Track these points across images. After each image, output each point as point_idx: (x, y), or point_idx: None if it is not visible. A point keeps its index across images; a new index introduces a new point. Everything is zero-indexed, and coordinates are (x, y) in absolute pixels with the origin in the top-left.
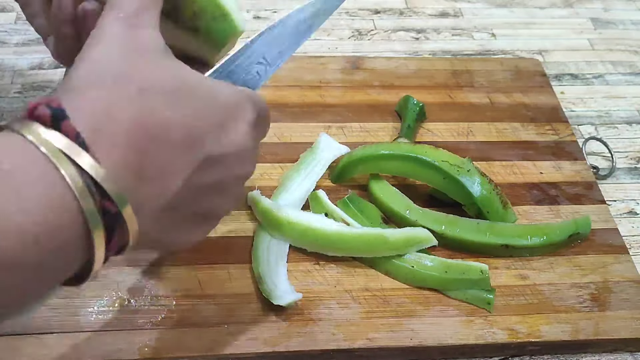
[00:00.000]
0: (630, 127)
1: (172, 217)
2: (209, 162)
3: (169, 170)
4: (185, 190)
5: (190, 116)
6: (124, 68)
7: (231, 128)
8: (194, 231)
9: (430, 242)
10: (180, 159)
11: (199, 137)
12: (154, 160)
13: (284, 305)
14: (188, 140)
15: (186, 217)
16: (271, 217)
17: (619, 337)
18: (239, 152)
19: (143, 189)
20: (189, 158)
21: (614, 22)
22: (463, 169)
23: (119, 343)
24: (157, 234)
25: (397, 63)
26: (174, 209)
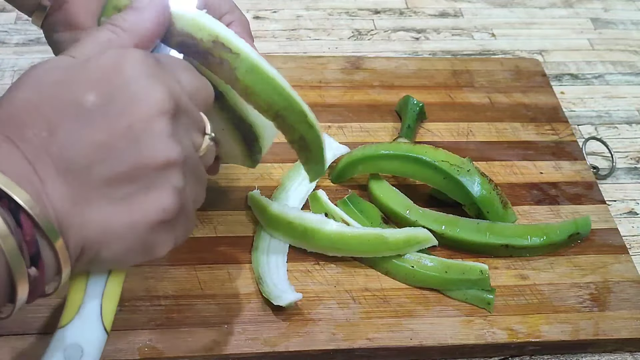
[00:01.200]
0: (630, 127)
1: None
2: (96, 113)
3: (52, 141)
4: (81, 150)
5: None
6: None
7: (111, 75)
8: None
9: (430, 242)
10: (60, 127)
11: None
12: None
13: (283, 305)
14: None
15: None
16: (271, 217)
17: (619, 337)
18: (127, 89)
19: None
20: (70, 121)
21: (614, 22)
22: (463, 169)
23: (119, 343)
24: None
25: (397, 63)
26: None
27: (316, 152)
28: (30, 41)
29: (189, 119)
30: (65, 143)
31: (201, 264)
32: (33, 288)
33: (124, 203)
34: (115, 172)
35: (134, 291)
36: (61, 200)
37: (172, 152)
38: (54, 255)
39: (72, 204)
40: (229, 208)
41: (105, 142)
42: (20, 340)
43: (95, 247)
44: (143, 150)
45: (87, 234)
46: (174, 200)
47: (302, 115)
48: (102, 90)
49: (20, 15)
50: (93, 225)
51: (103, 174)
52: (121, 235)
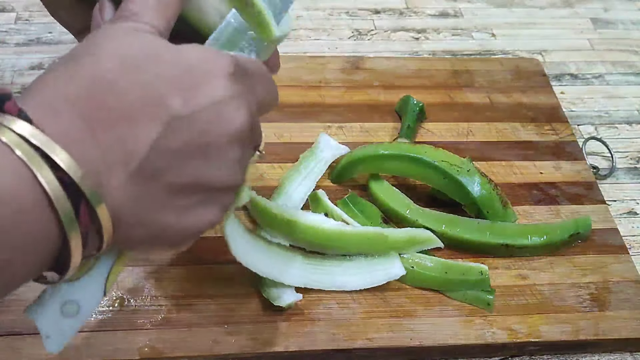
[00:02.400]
0: (630, 127)
1: (149, 190)
2: (179, 121)
3: (129, 135)
4: (155, 154)
5: (148, 79)
6: (81, 48)
7: (200, 84)
8: (186, 211)
9: (434, 243)
10: (141, 123)
11: (160, 98)
12: (109, 126)
13: (283, 306)
14: (147, 103)
15: (167, 188)
16: (271, 217)
17: (619, 337)
18: (214, 107)
19: (104, 157)
20: (151, 120)
21: (614, 22)
22: (463, 169)
23: (119, 343)
24: (137, 214)
25: (397, 63)
26: (147, 178)
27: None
28: (30, 41)
29: (254, 137)
30: (142, 142)
31: (201, 264)
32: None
33: (179, 212)
34: (181, 183)
35: (134, 291)
36: (122, 196)
37: (236, 179)
38: (99, 242)
39: (133, 203)
40: None
41: (181, 152)
42: (20, 341)
43: (139, 243)
44: (213, 171)
45: (137, 233)
46: (220, 218)
47: None
48: (190, 98)
49: (20, 15)
50: (145, 227)
51: (169, 181)
52: (166, 239)
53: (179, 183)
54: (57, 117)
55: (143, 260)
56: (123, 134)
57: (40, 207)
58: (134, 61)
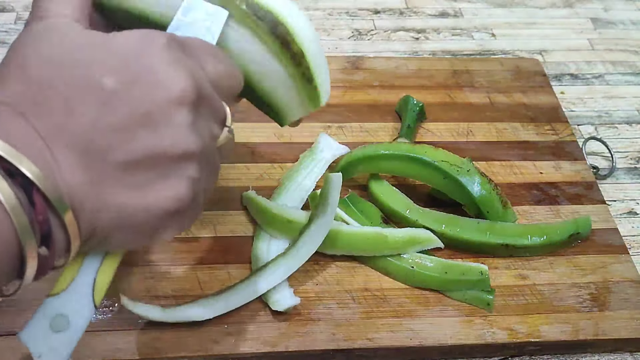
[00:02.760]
0: (630, 127)
1: (102, 171)
2: (117, 96)
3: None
4: (99, 133)
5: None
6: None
7: (131, 58)
8: (146, 187)
9: (434, 243)
10: (78, 107)
11: (91, 79)
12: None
13: (282, 310)
14: (82, 87)
15: (120, 166)
16: (271, 217)
17: (619, 337)
18: (149, 75)
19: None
20: (88, 102)
21: (614, 22)
22: (463, 169)
23: (119, 343)
24: (96, 197)
25: (397, 63)
26: (97, 158)
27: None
28: None
29: (210, 108)
30: (83, 124)
31: (201, 264)
32: (42, 265)
33: (139, 189)
34: (133, 158)
35: (134, 291)
36: (75, 181)
37: (190, 144)
38: (64, 234)
39: (88, 186)
40: (229, 208)
41: (124, 127)
42: None
43: (107, 230)
44: (162, 140)
45: (101, 217)
46: (188, 190)
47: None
48: (123, 74)
49: (20, 15)
50: (108, 210)
51: (120, 158)
52: (134, 220)
53: (131, 158)
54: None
55: (143, 260)
56: (62, 121)
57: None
58: (59, 54)
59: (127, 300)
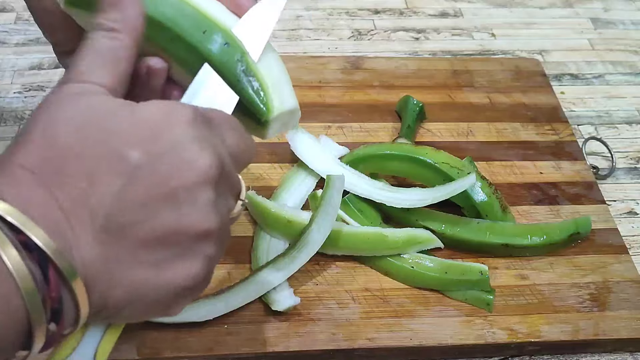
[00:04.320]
0: (630, 127)
1: (120, 246)
2: (141, 172)
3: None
4: (120, 208)
5: (102, 137)
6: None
7: (158, 133)
8: (163, 266)
9: (433, 243)
10: (100, 179)
11: (118, 152)
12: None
13: (282, 310)
14: (105, 159)
15: (138, 243)
16: (271, 217)
17: (619, 337)
18: (175, 151)
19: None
20: (111, 175)
21: (614, 22)
22: (463, 172)
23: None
24: (110, 273)
25: (397, 63)
26: (116, 234)
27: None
28: (30, 41)
29: (229, 184)
30: (105, 198)
31: None
32: (50, 340)
33: (156, 267)
34: (153, 236)
35: None
36: (92, 256)
37: (212, 223)
38: (74, 308)
39: (103, 262)
40: None
41: (147, 203)
42: None
43: (119, 306)
44: (184, 218)
45: (114, 294)
46: (205, 269)
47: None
48: (149, 148)
49: (20, 15)
50: (121, 286)
51: (139, 235)
52: (147, 297)
53: (151, 236)
54: (16, 186)
55: None
56: (84, 193)
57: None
58: (86, 123)
59: None
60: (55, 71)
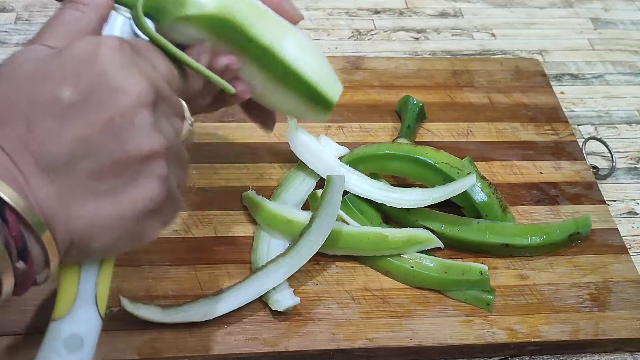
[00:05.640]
0: (630, 127)
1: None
2: (75, 108)
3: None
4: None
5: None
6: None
7: (85, 67)
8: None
9: (433, 243)
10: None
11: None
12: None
13: (281, 310)
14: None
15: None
16: (271, 217)
17: (619, 337)
18: (104, 81)
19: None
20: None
21: (614, 22)
22: (463, 172)
23: (119, 343)
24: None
25: (397, 63)
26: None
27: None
28: None
29: (168, 105)
30: (44, 139)
31: (201, 264)
32: (21, 281)
33: (110, 196)
34: (99, 167)
35: (134, 291)
36: (45, 196)
37: (155, 143)
38: (41, 248)
39: (58, 200)
40: (228, 208)
41: (86, 137)
42: (20, 341)
43: (85, 240)
44: (126, 144)
45: (75, 228)
46: (159, 189)
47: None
48: (78, 83)
49: (20, 15)
50: (80, 220)
51: (86, 168)
52: (110, 227)
53: (98, 166)
54: None
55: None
56: (24, 138)
57: None
58: (19, 73)
59: (126, 301)
60: None
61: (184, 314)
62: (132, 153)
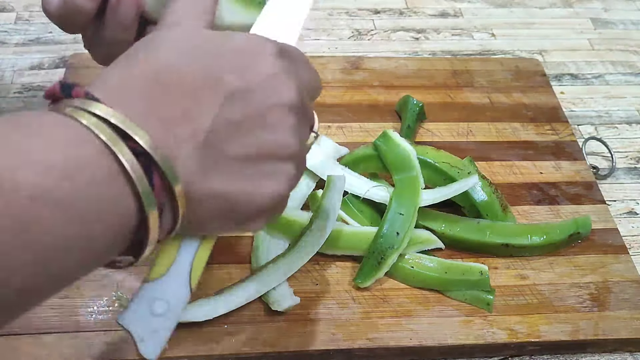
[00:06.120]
0: (630, 127)
1: (217, 160)
2: (237, 95)
3: (193, 111)
4: (219, 126)
5: (204, 63)
6: (136, 48)
7: (252, 61)
8: (253, 180)
9: (434, 243)
10: (202, 100)
11: (217, 76)
12: (174, 105)
13: (281, 310)
14: (207, 82)
15: (233, 158)
16: None
17: (619, 337)
18: (267, 81)
19: (172, 133)
20: (212, 96)
21: (614, 22)
22: (464, 171)
23: (119, 343)
24: (207, 184)
25: (397, 63)
26: (214, 149)
27: None
28: (30, 41)
29: (306, 115)
30: (206, 116)
31: None
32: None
33: (247, 180)
34: (246, 152)
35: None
36: (192, 168)
37: (296, 146)
38: (172, 213)
39: (203, 174)
40: None
41: (242, 123)
42: (20, 340)
43: (209, 215)
44: (274, 139)
45: (207, 203)
46: (287, 188)
47: None
48: (244, 74)
49: (20, 15)
50: (215, 196)
51: (235, 150)
52: (236, 209)
53: (244, 152)
54: (123, 101)
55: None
56: (187, 111)
57: (118, 183)
58: (189, 49)
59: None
60: (55, 71)
61: (184, 313)
62: (277, 149)
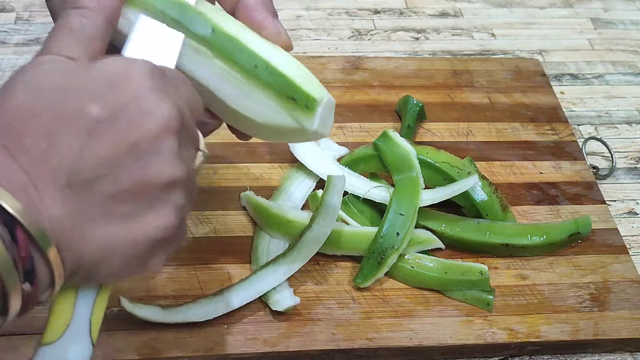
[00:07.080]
0: (630, 127)
1: (86, 203)
2: (102, 126)
3: (51, 152)
4: (83, 165)
5: (61, 97)
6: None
7: (117, 86)
8: (133, 218)
9: (434, 243)
10: (61, 138)
11: (77, 110)
12: (32, 149)
13: (281, 310)
14: (65, 118)
15: (105, 197)
16: (271, 217)
17: (619, 337)
18: (135, 103)
19: (32, 180)
20: (71, 134)
21: (614, 22)
22: (464, 171)
23: (119, 343)
24: (80, 230)
25: (397, 63)
26: (81, 190)
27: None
28: (30, 41)
29: (188, 135)
30: (66, 156)
31: (201, 264)
32: (26, 302)
33: (125, 220)
34: (119, 189)
35: (134, 291)
36: (59, 215)
37: (177, 171)
38: (48, 269)
39: (71, 220)
40: (228, 208)
41: (110, 157)
42: (20, 340)
43: (93, 263)
44: (149, 168)
45: (86, 251)
46: (175, 218)
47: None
48: (108, 102)
49: (20, 15)
50: (92, 243)
51: (105, 190)
52: (120, 252)
53: (117, 189)
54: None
55: None
56: (45, 153)
57: None
58: (43, 85)
59: (126, 301)
60: None
61: (184, 314)
62: (154, 179)
